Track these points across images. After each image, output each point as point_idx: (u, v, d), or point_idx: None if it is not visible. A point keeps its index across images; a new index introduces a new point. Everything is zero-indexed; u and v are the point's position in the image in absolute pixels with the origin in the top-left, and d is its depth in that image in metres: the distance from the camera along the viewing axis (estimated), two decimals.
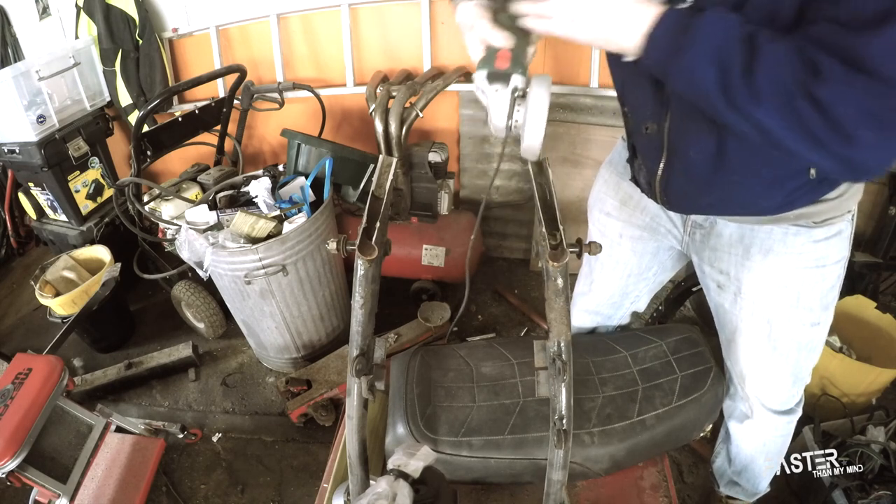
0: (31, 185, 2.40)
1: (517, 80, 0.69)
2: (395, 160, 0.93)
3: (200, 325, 2.32)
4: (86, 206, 2.45)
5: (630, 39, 0.67)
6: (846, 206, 0.90)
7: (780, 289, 0.97)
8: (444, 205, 2.17)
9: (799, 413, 1.17)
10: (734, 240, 0.99)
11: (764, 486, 1.34)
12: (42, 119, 2.15)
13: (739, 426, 1.22)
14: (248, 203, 1.87)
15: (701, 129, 0.81)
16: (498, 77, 0.69)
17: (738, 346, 1.09)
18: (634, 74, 0.89)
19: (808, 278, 0.96)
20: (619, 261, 1.21)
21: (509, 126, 0.70)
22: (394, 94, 1.96)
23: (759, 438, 1.21)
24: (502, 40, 0.71)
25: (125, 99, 2.47)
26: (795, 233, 0.92)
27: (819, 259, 0.94)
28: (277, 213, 1.78)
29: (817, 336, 1.04)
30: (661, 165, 0.92)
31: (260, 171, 1.98)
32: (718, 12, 0.64)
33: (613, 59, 0.94)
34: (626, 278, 1.23)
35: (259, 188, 1.83)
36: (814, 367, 1.09)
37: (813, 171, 0.81)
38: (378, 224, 0.83)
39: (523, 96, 0.69)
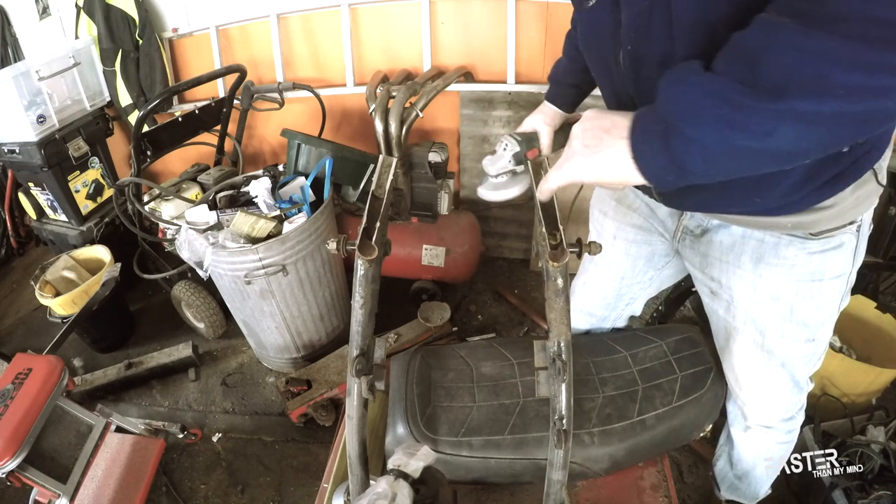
0: (31, 185, 2.40)
1: (521, 169, 1.03)
2: (395, 160, 0.92)
3: (200, 325, 2.32)
4: (86, 206, 2.45)
5: (629, 170, 0.64)
6: (848, 216, 0.83)
7: (772, 301, 0.94)
8: (444, 205, 2.17)
9: (800, 419, 1.14)
10: (725, 247, 0.95)
11: (765, 491, 1.33)
12: (42, 119, 2.15)
13: (741, 433, 1.20)
14: (248, 203, 1.87)
15: None
16: (520, 161, 1.01)
17: (732, 353, 1.07)
18: (593, 55, 0.86)
19: (802, 292, 0.92)
20: (613, 262, 1.20)
21: (493, 174, 1.02)
22: (394, 94, 1.96)
23: (760, 446, 1.20)
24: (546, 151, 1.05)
25: (125, 99, 2.48)
26: (788, 242, 0.88)
27: (815, 273, 0.89)
28: (277, 213, 1.78)
29: (815, 350, 1.01)
30: None
31: (260, 171, 1.98)
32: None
33: (583, 39, 0.90)
34: (620, 280, 1.22)
35: (259, 188, 1.83)
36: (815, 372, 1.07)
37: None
38: (378, 224, 0.83)
39: (513, 175, 1.02)
